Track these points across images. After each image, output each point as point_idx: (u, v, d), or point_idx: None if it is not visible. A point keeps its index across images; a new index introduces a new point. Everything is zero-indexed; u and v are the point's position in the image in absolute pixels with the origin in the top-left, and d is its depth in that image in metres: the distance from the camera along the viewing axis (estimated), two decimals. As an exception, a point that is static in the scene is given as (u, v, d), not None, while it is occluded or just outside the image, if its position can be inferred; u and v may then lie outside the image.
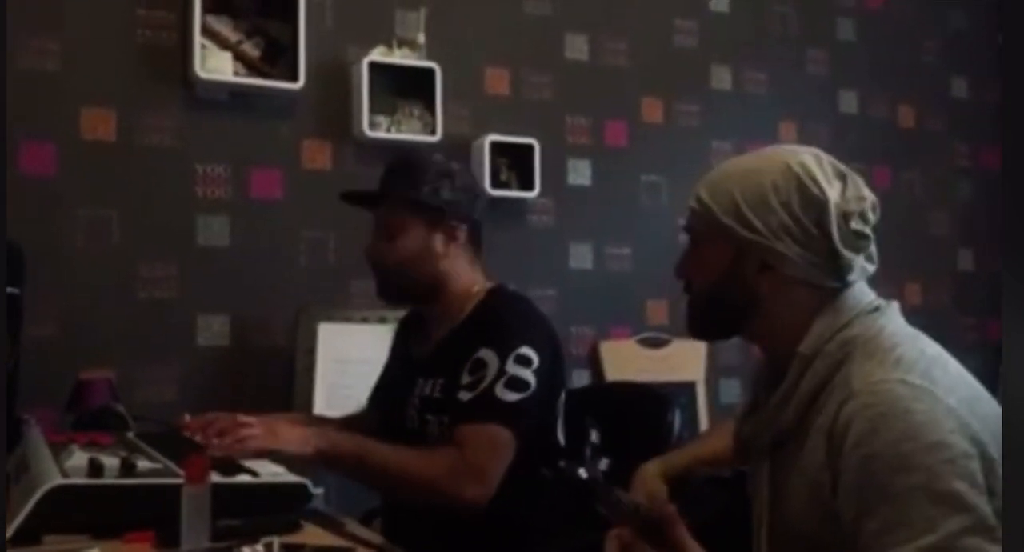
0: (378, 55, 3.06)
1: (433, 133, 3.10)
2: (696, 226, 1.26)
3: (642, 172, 3.52)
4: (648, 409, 2.05)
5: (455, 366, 1.70)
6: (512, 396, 1.63)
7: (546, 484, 1.77)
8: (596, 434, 1.92)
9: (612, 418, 1.98)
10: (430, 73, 3.09)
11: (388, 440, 1.68)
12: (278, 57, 2.96)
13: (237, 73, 2.90)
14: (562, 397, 1.81)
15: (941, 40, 4.16)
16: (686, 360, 3.45)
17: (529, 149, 3.24)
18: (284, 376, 2.85)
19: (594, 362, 3.37)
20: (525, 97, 3.36)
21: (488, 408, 1.62)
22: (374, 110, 3.05)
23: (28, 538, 1.26)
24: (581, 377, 3.34)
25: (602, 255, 3.45)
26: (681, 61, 3.63)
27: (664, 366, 3.39)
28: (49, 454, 1.47)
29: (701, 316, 1.28)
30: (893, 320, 1.18)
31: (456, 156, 3.12)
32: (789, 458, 1.17)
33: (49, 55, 2.75)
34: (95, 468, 1.35)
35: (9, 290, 1.90)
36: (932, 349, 1.15)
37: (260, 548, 1.21)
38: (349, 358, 2.78)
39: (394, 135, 3.08)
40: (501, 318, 1.74)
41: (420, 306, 1.90)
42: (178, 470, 1.35)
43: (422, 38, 3.11)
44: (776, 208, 1.17)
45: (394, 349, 2.05)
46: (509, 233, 3.24)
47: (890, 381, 1.07)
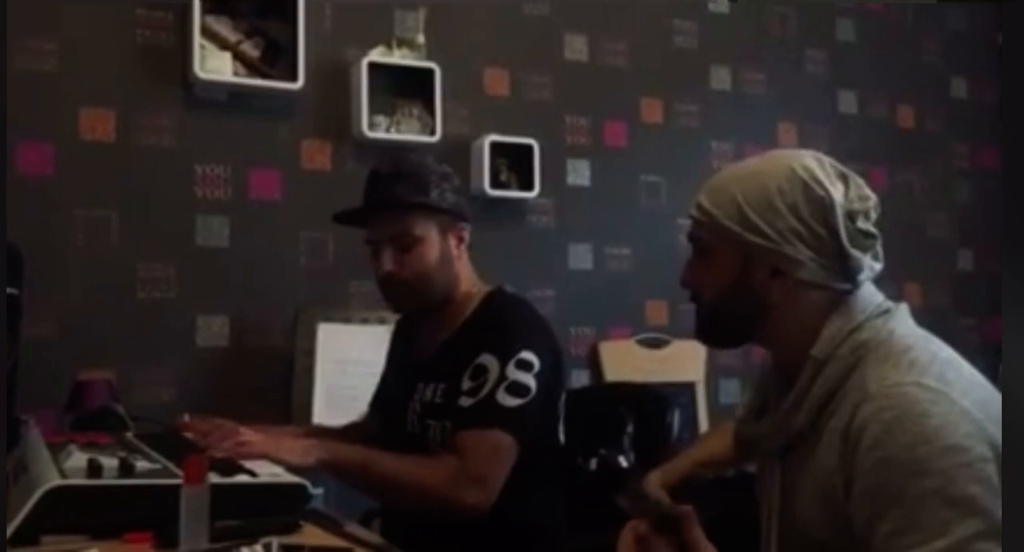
0: (377, 55, 3.05)
1: (432, 133, 3.10)
2: (700, 234, 1.24)
3: (641, 172, 3.52)
4: (648, 409, 2.05)
5: (456, 371, 1.69)
6: (513, 401, 1.62)
7: (545, 485, 1.77)
8: (631, 426, 1.93)
9: (612, 419, 1.98)
10: (429, 73, 3.09)
11: (389, 445, 1.68)
12: (277, 57, 2.96)
13: (236, 73, 2.89)
14: (563, 398, 1.81)
15: (940, 40, 4.15)
16: (686, 360, 3.44)
17: (528, 149, 3.24)
18: (283, 377, 2.85)
19: (594, 362, 3.37)
20: (525, 97, 3.36)
21: (489, 414, 1.62)
22: (373, 110, 3.05)
23: (27, 539, 1.25)
24: (581, 377, 3.33)
25: (602, 255, 3.44)
26: (680, 61, 3.62)
27: (664, 366, 3.39)
28: (48, 455, 1.47)
29: (711, 326, 1.27)
30: (903, 322, 1.18)
31: (456, 156, 3.16)
32: (800, 461, 1.17)
33: (47, 56, 2.74)
34: (94, 469, 1.35)
35: (8, 291, 1.89)
36: (944, 352, 1.14)
37: (259, 548, 1.21)
38: (348, 359, 2.77)
39: (393, 135, 3.08)
40: (501, 322, 1.74)
41: (432, 313, 1.85)
42: (177, 471, 1.35)
43: (421, 38, 3.10)
44: (783, 212, 1.16)
45: (391, 353, 2.04)
46: (508, 233, 3.24)
47: (906, 384, 1.07)
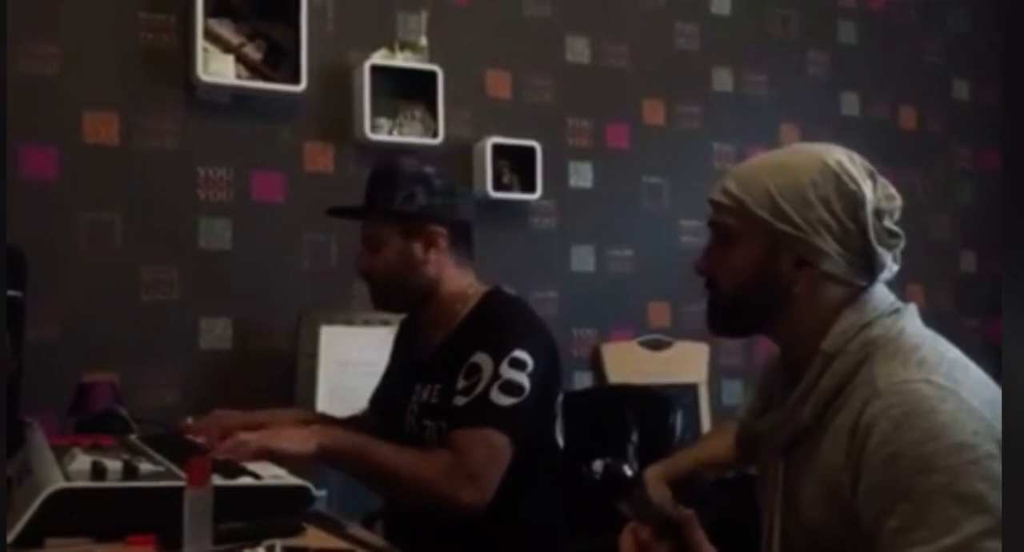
0: (380, 58, 3.06)
1: (435, 136, 3.10)
2: (725, 220, 1.22)
3: (643, 174, 3.52)
4: (650, 411, 2.05)
5: (452, 371, 1.69)
6: (507, 400, 1.62)
7: (543, 485, 1.77)
8: (636, 435, 1.93)
9: (614, 421, 1.98)
10: (432, 76, 3.09)
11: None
12: (280, 60, 2.97)
13: (239, 76, 2.90)
14: (560, 398, 1.81)
15: (942, 42, 4.16)
16: (688, 362, 3.45)
17: (531, 151, 3.24)
18: (286, 379, 2.85)
19: (596, 364, 3.37)
20: (526, 99, 3.36)
21: (483, 413, 1.62)
22: (376, 113, 3.05)
23: (31, 541, 1.25)
24: (583, 379, 3.34)
25: (604, 257, 3.45)
26: (682, 63, 3.63)
27: (666, 368, 3.39)
28: (52, 457, 1.47)
29: (727, 314, 1.26)
30: (913, 322, 1.18)
31: (458, 159, 3.16)
32: (804, 458, 1.17)
33: (51, 59, 2.75)
34: (98, 471, 1.35)
35: (11, 294, 1.90)
36: (952, 352, 1.15)
37: (262, 551, 1.21)
38: (351, 361, 2.78)
39: (396, 138, 3.08)
40: (495, 322, 1.74)
41: (415, 312, 1.90)
42: (180, 473, 1.35)
43: (424, 41, 3.11)
44: (815, 203, 1.16)
45: (395, 353, 2.05)
46: (511, 235, 3.24)
47: (915, 381, 1.07)
